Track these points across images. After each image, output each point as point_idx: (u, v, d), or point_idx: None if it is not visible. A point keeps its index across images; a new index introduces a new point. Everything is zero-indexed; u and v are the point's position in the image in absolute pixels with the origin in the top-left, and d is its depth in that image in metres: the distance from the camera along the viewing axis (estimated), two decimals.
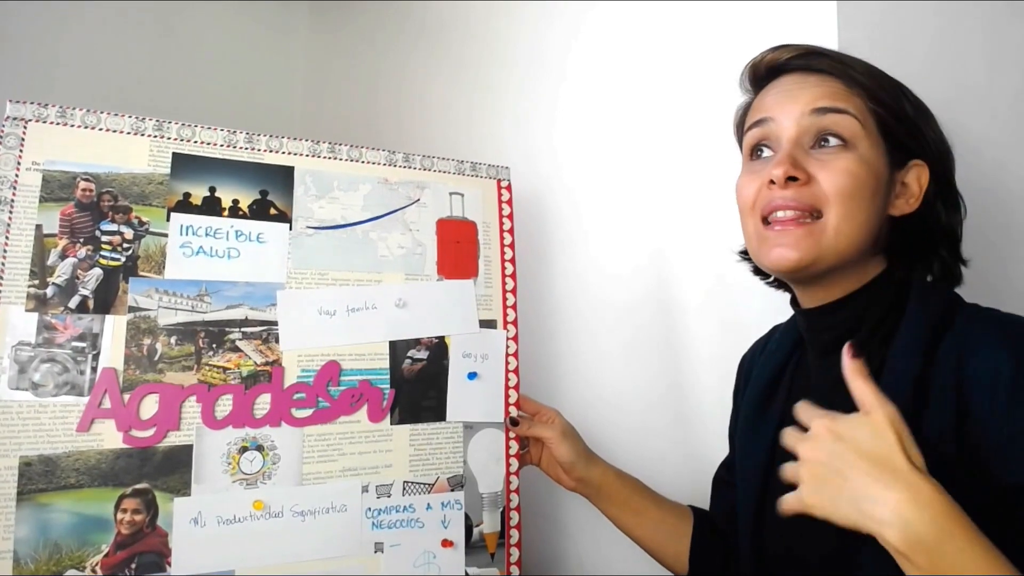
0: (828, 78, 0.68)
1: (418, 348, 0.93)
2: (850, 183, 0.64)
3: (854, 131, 0.66)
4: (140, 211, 0.82)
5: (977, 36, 1.03)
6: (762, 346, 0.86)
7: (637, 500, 0.91)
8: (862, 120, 0.66)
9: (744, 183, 0.72)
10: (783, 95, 0.69)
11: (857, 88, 0.67)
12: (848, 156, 0.65)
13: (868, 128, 0.66)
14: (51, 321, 0.76)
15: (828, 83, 0.68)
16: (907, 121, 0.69)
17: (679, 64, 1.10)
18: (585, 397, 1.18)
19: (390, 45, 1.71)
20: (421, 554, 0.88)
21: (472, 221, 1.00)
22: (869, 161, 0.66)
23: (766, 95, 0.72)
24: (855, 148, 0.66)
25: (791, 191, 0.65)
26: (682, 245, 1.08)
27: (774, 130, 0.69)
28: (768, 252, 0.68)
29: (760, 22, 0.99)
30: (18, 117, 0.78)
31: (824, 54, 0.69)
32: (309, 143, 0.92)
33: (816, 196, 0.65)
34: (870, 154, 0.66)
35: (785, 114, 0.68)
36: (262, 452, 0.82)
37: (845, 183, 0.64)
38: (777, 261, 0.67)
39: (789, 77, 0.70)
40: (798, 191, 0.65)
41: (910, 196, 0.69)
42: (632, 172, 1.15)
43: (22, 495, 0.72)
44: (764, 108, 0.71)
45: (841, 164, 0.65)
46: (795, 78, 0.70)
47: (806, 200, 0.65)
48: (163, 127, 0.85)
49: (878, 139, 0.67)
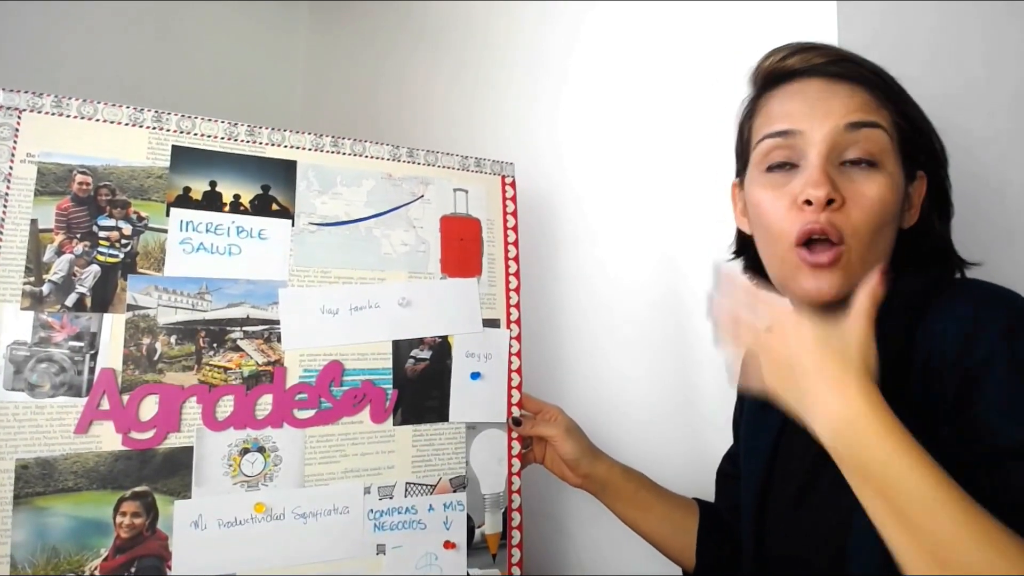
0: (858, 88, 0.64)
1: (421, 348, 0.91)
2: (880, 210, 0.62)
3: (884, 147, 0.63)
4: (139, 206, 0.80)
5: (977, 36, 1.03)
6: None
7: (643, 495, 0.91)
8: (891, 135, 0.64)
9: (765, 199, 0.67)
10: (812, 105, 0.64)
11: (886, 100, 0.64)
12: (879, 179, 0.63)
13: (895, 143, 0.64)
14: (47, 320, 0.73)
15: (859, 94, 0.64)
16: (922, 134, 0.67)
17: (680, 63, 1.09)
18: (589, 396, 1.17)
19: (391, 44, 1.68)
20: (423, 555, 0.88)
21: (476, 218, 0.99)
22: (895, 180, 0.64)
23: (787, 101, 0.67)
24: (884, 167, 0.63)
25: (826, 215, 0.62)
26: (687, 243, 1.07)
27: (800, 143, 0.64)
28: (801, 284, 0.65)
29: (760, 22, 0.98)
30: (12, 107, 0.76)
31: (857, 62, 0.66)
32: (312, 137, 0.90)
33: (848, 223, 0.62)
34: (896, 172, 0.64)
35: (816, 127, 0.63)
36: (264, 454, 0.81)
37: (876, 211, 0.62)
38: (814, 296, 0.64)
39: (814, 83, 0.66)
40: (833, 216, 0.62)
41: (912, 209, 0.68)
42: (635, 170, 1.14)
43: (19, 498, 0.70)
44: (787, 117, 0.66)
45: (875, 189, 0.62)
46: (822, 85, 0.65)
47: (840, 226, 0.62)
48: (162, 118, 0.82)
49: (898, 154, 0.65)
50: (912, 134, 0.66)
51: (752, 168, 0.70)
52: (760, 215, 0.68)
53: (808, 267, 0.63)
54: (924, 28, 0.99)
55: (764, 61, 0.71)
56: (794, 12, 0.95)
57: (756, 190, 0.68)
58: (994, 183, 1.01)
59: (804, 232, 0.63)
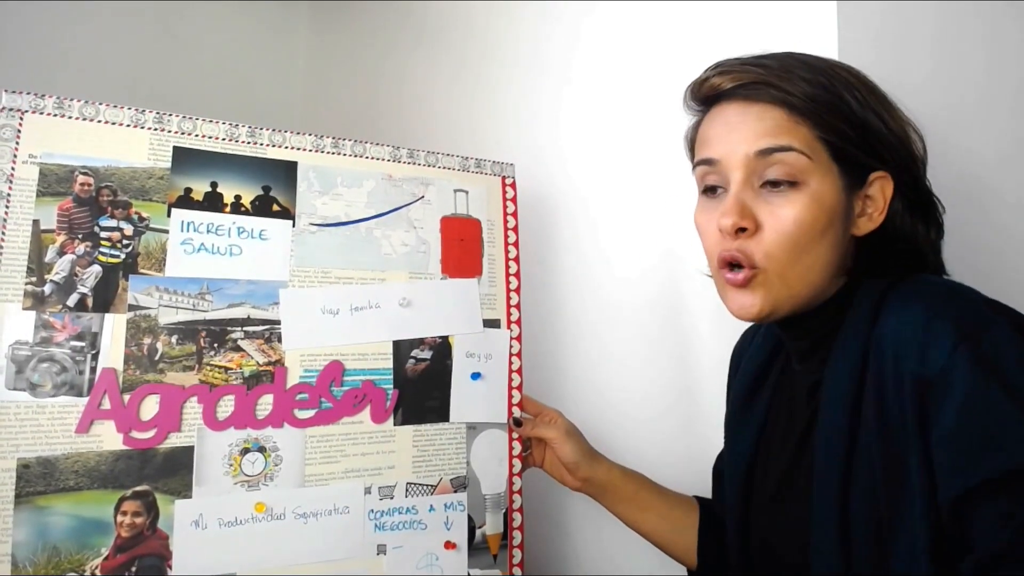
0: (770, 107, 0.64)
1: (422, 348, 0.91)
2: (796, 231, 0.62)
3: (801, 167, 0.62)
4: (140, 206, 0.80)
5: (977, 36, 1.03)
6: (751, 336, 0.85)
7: (643, 496, 0.91)
8: (809, 152, 0.62)
9: (702, 221, 0.70)
10: (725, 131, 0.66)
11: (801, 117, 0.63)
12: (797, 198, 0.62)
13: (818, 158, 0.63)
14: (49, 320, 0.74)
15: (770, 114, 0.64)
16: (862, 139, 0.64)
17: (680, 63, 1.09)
18: (589, 398, 1.17)
19: (391, 44, 1.68)
20: (424, 556, 0.88)
21: (476, 219, 0.99)
22: (820, 196, 0.63)
23: (710, 126, 0.68)
24: (806, 185, 0.63)
25: (738, 242, 0.64)
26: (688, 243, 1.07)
27: (722, 170, 0.66)
28: (728, 301, 0.68)
29: (760, 22, 0.98)
30: (14, 108, 0.76)
31: (763, 82, 0.64)
32: (312, 138, 0.91)
33: (759, 248, 0.64)
34: (821, 187, 0.63)
35: (730, 154, 0.65)
36: (264, 453, 0.81)
37: (791, 231, 0.62)
38: (738, 311, 0.67)
39: (731, 106, 0.67)
40: (744, 243, 0.64)
41: (874, 211, 0.66)
42: (637, 171, 1.14)
43: (20, 497, 0.70)
44: (709, 145, 0.67)
45: (787, 211, 0.62)
46: (737, 108, 0.66)
47: (749, 252, 0.64)
48: (163, 120, 0.83)
49: (830, 165, 0.63)
50: (845, 145, 0.64)
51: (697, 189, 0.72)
52: (701, 238, 0.71)
53: (730, 286, 0.66)
54: (924, 28, 1.00)
55: (688, 86, 0.72)
56: (794, 12, 0.95)
57: (696, 212, 0.71)
58: (994, 184, 1.01)
59: (721, 258, 0.66)
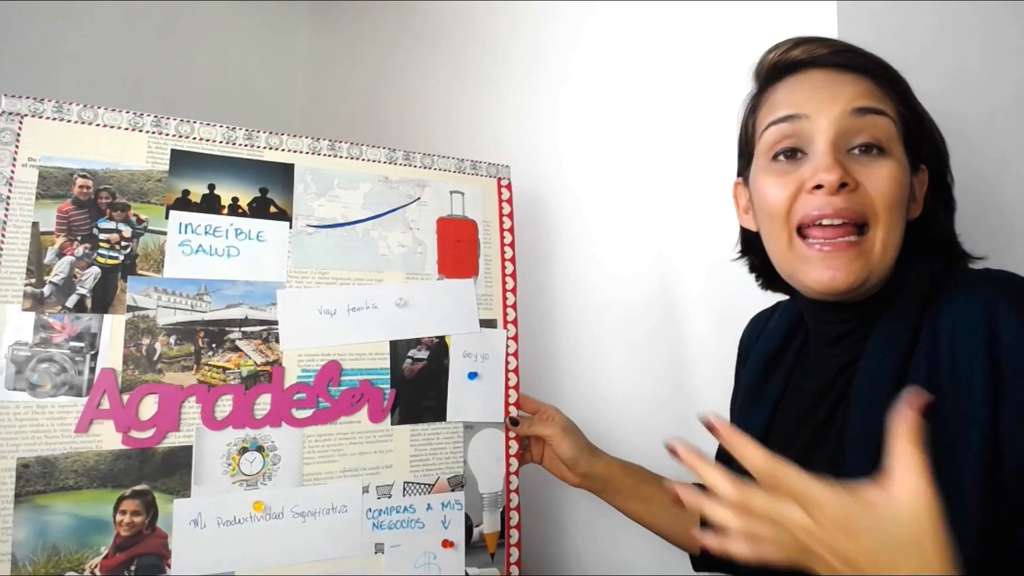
0: (863, 77, 0.64)
1: (418, 348, 0.92)
2: (896, 192, 0.61)
3: (891, 135, 0.62)
4: (138, 208, 0.81)
5: (976, 35, 1.04)
6: (763, 322, 0.85)
7: (644, 488, 0.92)
8: (896, 124, 0.63)
9: (770, 185, 0.65)
10: (817, 91, 0.64)
11: (890, 90, 0.64)
12: (889, 163, 0.62)
13: (900, 133, 0.63)
14: (48, 320, 0.74)
15: (864, 82, 0.64)
16: (923, 127, 0.67)
17: (680, 63, 1.10)
18: (586, 396, 1.18)
19: (391, 45, 1.70)
20: (421, 554, 0.88)
21: (472, 220, 1.00)
22: (904, 167, 0.63)
23: (793, 90, 0.66)
24: (892, 154, 0.62)
25: (840, 198, 0.60)
26: (684, 244, 1.08)
27: (807, 129, 0.63)
28: (811, 272, 0.62)
29: (760, 22, 0.99)
30: (13, 112, 0.77)
31: (860, 52, 0.65)
32: (309, 140, 0.91)
33: (865, 205, 0.61)
34: (903, 160, 0.63)
35: (823, 113, 0.62)
36: (262, 453, 0.82)
37: (893, 192, 0.61)
38: (827, 285, 0.61)
39: (818, 72, 0.65)
40: (848, 199, 0.60)
41: (916, 201, 0.67)
42: (634, 172, 1.15)
43: (20, 497, 0.71)
44: (793, 103, 0.64)
45: (886, 171, 0.61)
46: (827, 74, 0.65)
47: (857, 209, 0.60)
48: (161, 123, 0.84)
49: (902, 146, 0.64)
50: (915, 126, 0.66)
51: (758, 158, 0.69)
52: (766, 204, 0.66)
53: (819, 254, 0.62)
54: (923, 28, 1.00)
55: (767, 55, 0.70)
56: (794, 12, 0.96)
57: (761, 178, 0.67)
58: (993, 180, 1.02)
59: (812, 216, 0.61)
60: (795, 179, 0.63)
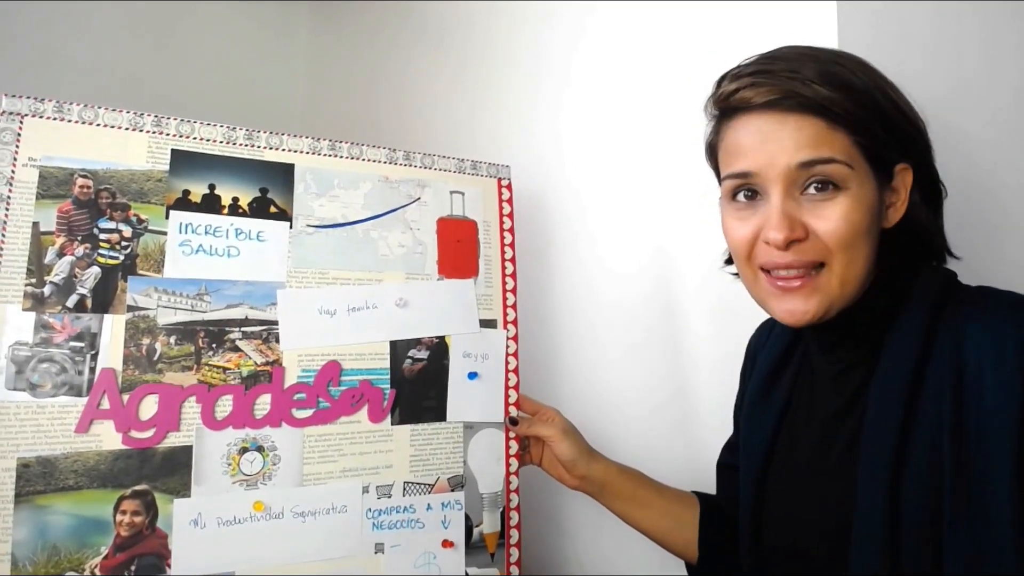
0: (808, 119, 0.63)
1: (418, 348, 0.92)
2: (849, 230, 0.62)
3: (844, 175, 0.62)
4: (138, 208, 0.81)
5: (976, 36, 1.04)
6: (769, 328, 0.86)
7: (642, 493, 0.92)
8: (848, 160, 0.62)
9: (732, 227, 0.68)
10: (766, 143, 0.64)
11: (839, 125, 0.62)
12: (842, 201, 0.62)
13: (856, 164, 0.63)
14: (49, 320, 0.74)
15: (807, 123, 0.63)
16: (890, 134, 0.65)
17: (680, 64, 1.10)
18: (586, 396, 1.18)
19: (391, 45, 1.70)
20: (421, 554, 0.88)
21: (472, 220, 1.00)
22: (862, 199, 0.63)
23: (741, 135, 0.66)
24: (848, 189, 0.62)
25: (791, 253, 0.63)
26: (684, 245, 1.08)
27: (759, 182, 0.65)
28: (775, 306, 0.66)
29: (761, 22, 0.99)
30: (14, 112, 0.77)
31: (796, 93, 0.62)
32: (309, 140, 0.91)
33: (817, 250, 0.63)
34: (862, 190, 0.63)
35: (768, 166, 0.64)
36: (262, 453, 0.82)
37: (845, 231, 0.62)
38: (787, 317, 0.65)
39: (764, 116, 0.65)
40: (798, 250, 0.63)
41: (898, 202, 0.67)
42: (635, 172, 1.15)
43: (20, 497, 0.71)
44: (743, 156, 0.66)
45: (838, 211, 0.62)
46: (771, 118, 0.64)
47: (808, 258, 0.63)
48: (162, 123, 0.84)
49: (866, 169, 0.64)
50: (885, 135, 0.64)
51: (722, 196, 0.71)
52: (730, 242, 0.70)
53: (778, 292, 0.66)
54: (923, 28, 1.00)
55: (718, 88, 0.70)
56: (794, 12, 0.96)
57: (725, 216, 0.70)
58: (991, 183, 1.02)
59: (771, 265, 0.65)
60: (754, 223, 0.66)
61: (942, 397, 0.60)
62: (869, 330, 0.67)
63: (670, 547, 0.90)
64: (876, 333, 0.67)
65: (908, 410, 0.61)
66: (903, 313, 0.65)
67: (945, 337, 0.62)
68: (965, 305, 0.63)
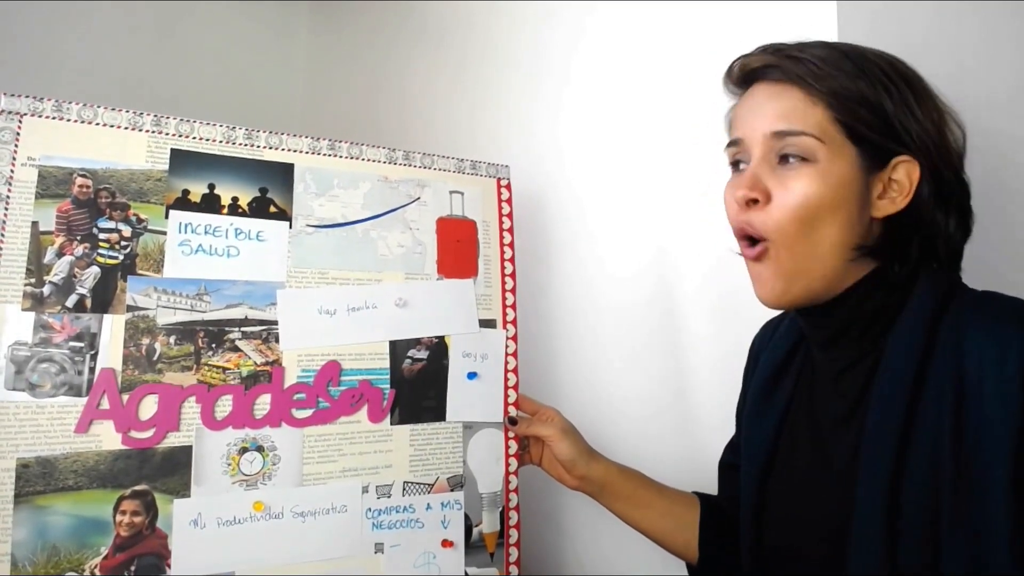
0: (788, 88, 0.66)
1: (418, 348, 0.92)
2: (803, 204, 0.64)
3: (812, 149, 0.64)
4: (138, 208, 0.81)
5: (976, 36, 1.04)
6: (773, 328, 0.86)
7: (642, 493, 0.91)
8: (820, 135, 0.64)
9: (726, 195, 0.71)
10: (749, 113, 0.69)
11: (817, 98, 0.65)
12: (806, 172, 0.64)
13: (831, 140, 0.64)
14: (48, 320, 0.74)
15: (788, 96, 0.66)
16: (882, 122, 0.65)
17: (680, 64, 1.10)
18: (585, 396, 1.18)
19: (391, 45, 1.70)
20: (421, 554, 0.88)
21: (472, 220, 1.00)
22: (829, 173, 0.64)
23: (740, 107, 0.71)
24: (816, 162, 0.64)
25: (748, 214, 0.67)
26: (685, 245, 1.08)
27: (745, 149, 0.69)
28: (753, 281, 0.70)
29: (761, 22, 0.99)
30: (13, 111, 0.77)
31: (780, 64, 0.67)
32: (309, 140, 0.91)
33: (774, 220, 0.65)
34: (832, 166, 0.64)
35: (750, 134, 0.68)
36: (262, 453, 0.82)
37: (798, 204, 0.64)
38: (760, 292, 0.69)
39: (758, 87, 0.69)
40: (751, 214, 0.66)
41: (898, 195, 0.66)
42: (635, 172, 1.15)
43: (19, 497, 0.71)
44: (736, 125, 0.71)
45: (799, 183, 0.64)
46: (762, 89, 0.69)
47: (755, 224, 0.66)
48: (161, 122, 0.84)
49: (844, 146, 0.65)
50: (877, 121, 0.64)
51: None
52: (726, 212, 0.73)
53: (749, 261, 0.69)
54: (923, 28, 1.00)
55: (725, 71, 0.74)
56: (794, 12, 0.96)
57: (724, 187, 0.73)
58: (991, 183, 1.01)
59: (735, 230, 0.69)
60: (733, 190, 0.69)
61: (943, 401, 0.60)
62: (868, 325, 0.67)
63: (670, 548, 0.90)
64: (876, 329, 0.67)
65: (909, 413, 0.61)
66: (904, 314, 0.65)
67: (947, 341, 0.62)
68: (968, 309, 0.63)
